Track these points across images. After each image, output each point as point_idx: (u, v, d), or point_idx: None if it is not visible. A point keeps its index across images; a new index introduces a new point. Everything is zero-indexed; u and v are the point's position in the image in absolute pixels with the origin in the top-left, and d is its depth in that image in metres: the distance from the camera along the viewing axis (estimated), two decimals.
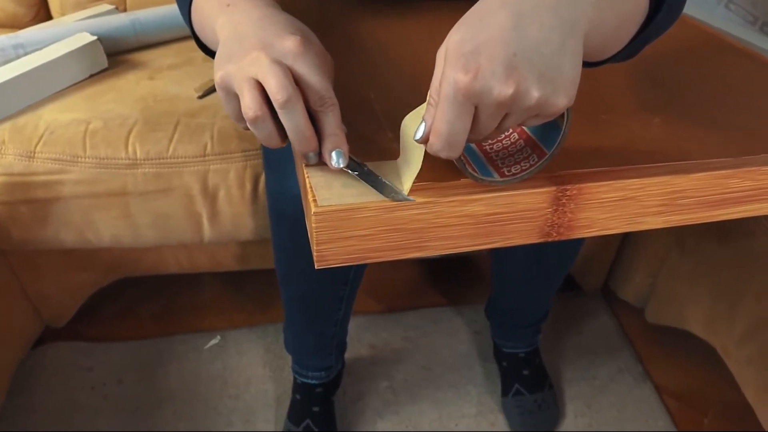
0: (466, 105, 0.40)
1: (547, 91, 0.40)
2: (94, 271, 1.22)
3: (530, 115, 0.42)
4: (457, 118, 0.40)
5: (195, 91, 1.07)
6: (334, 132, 0.46)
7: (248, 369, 1.25)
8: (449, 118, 0.40)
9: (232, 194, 1.01)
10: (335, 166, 0.46)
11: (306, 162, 0.48)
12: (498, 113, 0.41)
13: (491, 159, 0.49)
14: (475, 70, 0.38)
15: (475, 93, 0.39)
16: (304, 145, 0.46)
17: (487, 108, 0.40)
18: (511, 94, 0.39)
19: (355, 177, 0.46)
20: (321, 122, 0.46)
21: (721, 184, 0.52)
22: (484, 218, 0.47)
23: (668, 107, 0.61)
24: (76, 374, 1.23)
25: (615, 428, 1.18)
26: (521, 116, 0.42)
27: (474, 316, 1.37)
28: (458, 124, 0.40)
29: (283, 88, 0.43)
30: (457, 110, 0.40)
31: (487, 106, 0.40)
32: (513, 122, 0.42)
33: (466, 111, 0.40)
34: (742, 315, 1.03)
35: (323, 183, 0.46)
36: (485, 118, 0.41)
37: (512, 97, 0.39)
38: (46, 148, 0.96)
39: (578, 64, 0.42)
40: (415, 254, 0.47)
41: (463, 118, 0.40)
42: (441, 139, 0.41)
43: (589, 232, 0.51)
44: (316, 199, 0.44)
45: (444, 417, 1.18)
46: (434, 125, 0.41)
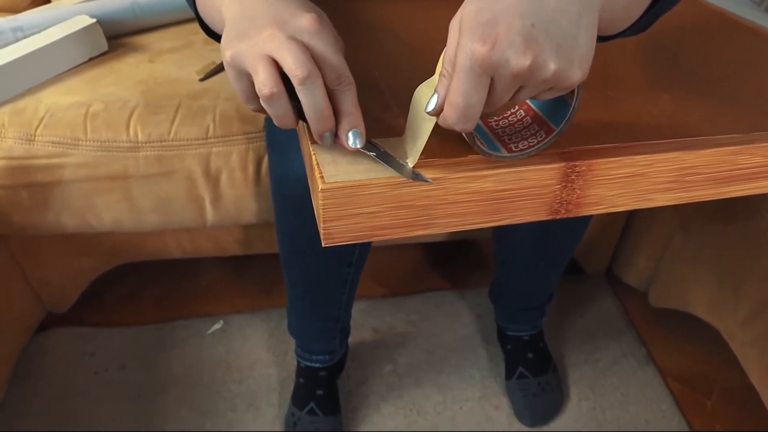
0: (482, 76, 0.39)
1: (564, 64, 0.39)
2: (96, 256, 1.21)
3: (545, 87, 0.41)
4: (473, 90, 0.39)
5: (196, 73, 1.06)
6: (351, 111, 0.45)
7: (252, 353, 1.25)
8: (465, 89, 0.39)
9: (235, 177, 1.00)
10: (352, 147, 0.45)
11: (321, 143, 0.46)
12: (513, 85, 0.40)
13: (498, 135, 0.48)
14: (493, 41, 0.38)
15: (493, 64, 0.38)
16: (322, 124, 0.45)
17: (503, 79, 0.39)
18: (528, 65, 0.38)
19: (373, 158, 0.45)
20: (338, 101, 0.45)
21: (731, 160, 0.51)
22: (493, 195, 0.46)
23: (677, 84, 0.61)
24: (78, 360, 1.23)
25: (618, 411, 1.18)
26: (536, 89, 0.41)
27: (477, 300, 1.37)
28: (474, 95, 0.40)
29: (302, 64, 0.42)
30: (473, 81, 0.39)
31: (503, 77, 0.39)
32: (527, 95, 0.41)
33: (483, 82, 0.39)
34: (747, 297, 1.02)
35: (330, 160, 0.45)
36: (500, 89, 0.40)
37: (529, 68, 0.38)
38: (47, 132, 0.95)
39: (593, 38, 0.41)
40: (423, 232, 0.47)
41: (480, 89, 0.39)
42: (457, 112, 0.40)
43: (598, 209, 0.50)
44: (323, 175, 0.43)
45: (448, 400, 1.18)
46: (450, 97, 0.40)
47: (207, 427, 1.12)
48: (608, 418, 1.17)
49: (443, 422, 1.15)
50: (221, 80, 1.05)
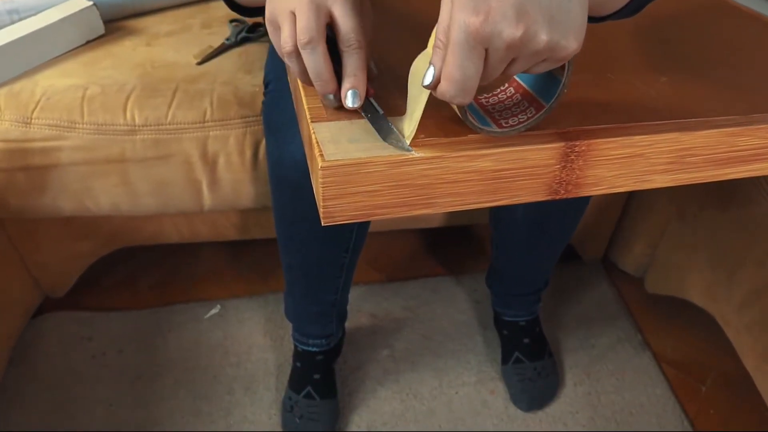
0: (477, 48, 0.39)
1: (557, 35, 0.40)
2: (94, 240, 1.21)
3: (538, 59, 0.41)
4: (470, 62, 0.40)
5: (194, 57, 1.06)
6: (354, 73, 0.48)
7: (249, 338, 1.25)
8: (461, 62, 0.40)
9: (232, 161, 1.00)
10: (350, 106, 0.48)
11: (325, 104, 0.50)
12: (507, 56, 0.40)
13: (488, 112, 0.48)
14: (486, 12, 0.38)
15: (486, 35, 0.38)
16: (322, 86, 0.48)
17: (497, 51, 0.40)
18: (520, 36, 0.39)
19: (366, 119, 0.47)
20: (345, 63, 0.48)
21: (729, 142, 0.52)
22: (492, 174, 0.46)
23: (675, 67, 0.61)
24: (76, 344, 1.23)
25: (614, 396, 1.19)
26: (529, 60, 0.41)
27: (474, 285, 1.38)
28: (471, 68, 0.40)
29: (307, 30, 0.46)
30: (469, 53, 0.39)
31: (496, 49, 0.39)
32: (520, 67, 0.42)
33: (478, 54, 0.40)
34: (743, 282, 1.03)
35: (329, 138, 0.45)
36: (494, 61, 0.40)
37: (521, 39, 0.39)
38: (43, 114, 0.95)
39: (585, 11, 0.41)
40: (422, 211, 0.47)
41: (476, 61, 0.40)
42: (455, 84, 0.41)
43: (597, 190, 0.51)
44: (323, 153, 0.43)
45: (444, 385, 1.19)
46: (446, 70, 0.41)
47: (204, 411, 1.13)
48: (603, 403, 1.18)
49: (439, 406, 1.16)
50: (219, 64, 1.05)
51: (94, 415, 1.12)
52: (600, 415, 1.16)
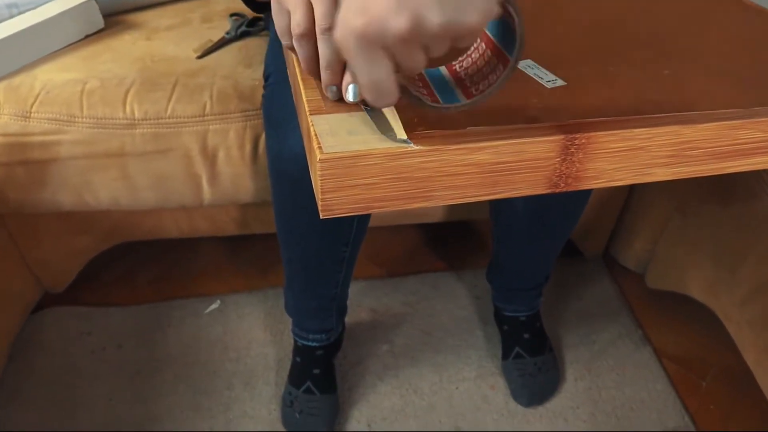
0: (373, 50, 0.36)
1: (451, 13, 0.35)
2: (93, 235, 1.21)
3: (445, 43, 0.38)
4: (374, 66, 0.37)
5: (194, 51, 1.05)
6: None
7: (249, 333, 1.25)
8: (366, 69, 0.37)
9: (232, 155, 1.00)
10: (350, 100, 0.46)
11: (327, 95, 0.48)
12: (408, 50, 0.37)
13: (460, 80, 0.47)
14: (368, 11, 0.35)
15: (374, 36, 0.35)
16: (329, 77, 0.47)
17: (394, 48, 0.36)
18: (408, 27, 0.35)
19: (366, 112, 0.45)
20: None
21: (731, 135, 0.51)
22: (491, 167, 0.46)
23: (677, 60, 0.60)
24: (75, 339, 1.23)
25: (614, 391, 1.19)
26: (439, 46, 0.38)
27: (474, 281, 1.37)
28: (378, 71, 0.37)
29: (328, 16, 0.43)
30: (368, 58, 0.37)
31: (392, 46, 0.36)
32: (437, 52, 0.38)
33: (380, 56, 0.37)
34: (744, 278, 1.03)
35: (328, 131, 0.45)
36: (401, 58, 0.37)
37: (411, 29, 0.35)
38: (42, 108, 0.95)
39: None
40: (421, 204, 0.47)
41: (381, 63, 0.37)
42: (371, 92, 0.39)
43: (597, 183, 0.50)
44: (322, 146, 0.43)
45: (444, 380, 1.19)
46: (358, 80, 0.38)
47: (204, 406, 1.13)
48: (604, 398, 1.18)
49: (439, 402, 1.15)
50: (218, 58, 1.05)
51: (94, 410, 1.12)
52: (600, 411, 1.16)
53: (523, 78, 0.54)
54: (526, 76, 0.54)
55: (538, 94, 0.52)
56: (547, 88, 0.52)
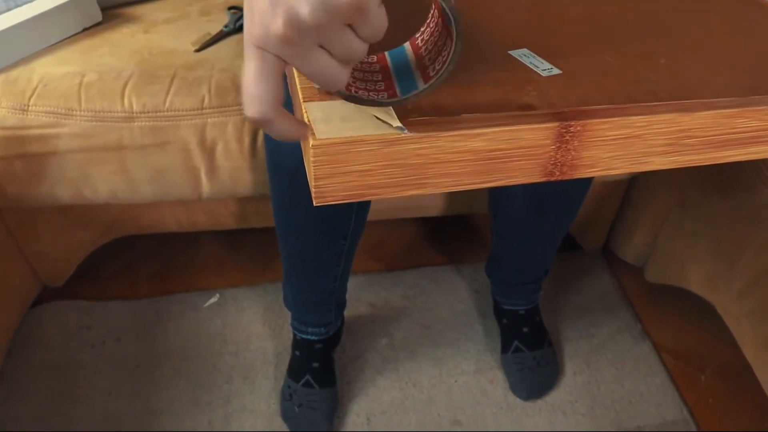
0: (293, 48, 0.35)
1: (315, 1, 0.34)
2: (92, 229, 1.21)
3: (333, 33, 0.36)
4: (304, 60, 0.36)
5: (192, 44, 1.05)
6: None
7: (248, 327, 1.25)
8: (299, 65, 0.37)
9: (230, 148, 1.00)
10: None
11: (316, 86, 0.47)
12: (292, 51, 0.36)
13: (421, 58, 0.45)
14: (253, 17, 0.35)
15: (263, 41, 0.35)
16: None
17: (279, 50, 0.36)
18: (284, 26, 0.34)
19: (355, 100, 0.44)
20: None
21: (728, 123, 0.51)
22: (486, 154, 0.46)
23: (674, 49, 0.60)
24: (74, 333, 1.23)
25: (613, 385, 1.19)
26: (329, 40, 0.36)
27: (473, 275, 1.37)
28: (308, 64, 0.37)
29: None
30: (294, 55, 0.36)
31: (277, 48, 0.35)
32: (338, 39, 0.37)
33: (303, 50, 0.36)
34: (743, 270, 1.03)
35: (322, 117, 0.45)
36: (294, 62, 0.37)
37: (288, 29, 0.34)
38: (40, 101, 0.94)
39: None
40: (416, 191, 0.46)
41: (309, 55, 0.36)
42: (317, 81, 0.38)
43: (593, 172, 0.50)
44: (315, 132, 0.43)
45: (443, 374, 1.19)
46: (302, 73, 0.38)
47: (203, 400, 1.13)
48: (603, 392, 1.17)
49: (438, 395, 1.15)
50: (217, 51, 1.05)
51: (94, 404, 1.12)
52: (599, 404, 1.16)
53: (518, 66, 0.54)
54: (521, 64, 0.54)
55: (533, 82, 0.51)
56: (543, 76, 0.52)
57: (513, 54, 0.56)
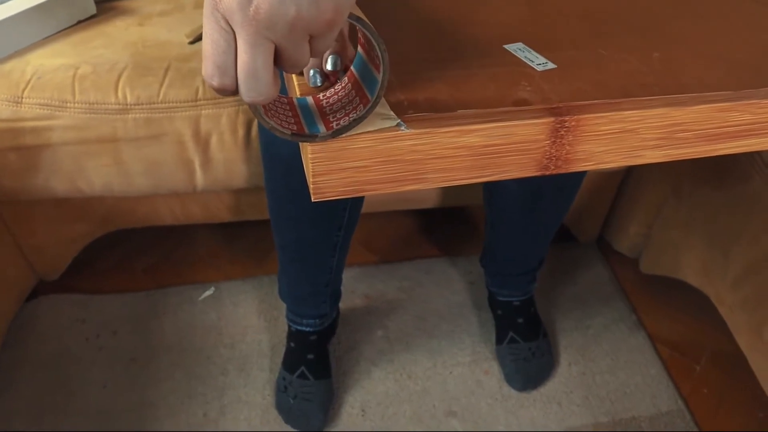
0: (290, 37, 0.35)
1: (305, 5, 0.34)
2: (87, 222, 1.21)
3: (299, 36, 0.35)
4: (296, 49, 0.36)
5: (186, 36, 1.05)
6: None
7: (243, 319, 1.25)
8: (291, 51, 0.36)
9: (225, 140, 1.00)
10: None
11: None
12: (301, 36, 0.35)
13: (324, 113, 0.45)
14: (259, 7, 0.33)
15: (271, 29, 0.34)
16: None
17: (287, 37, 0.35)
18: (253, 13, 0.33)
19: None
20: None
21: (721, 117, 0.51)
22: (481, 150, 0.46)
23: (667, 43, 0.60)
24: (70, 326, 1.23)
25: (608, 376, 1.19)
26: (290, 40, 0.35)
27: (468, 267, 1.38)
28: (301, 54, 0.37)
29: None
30: (295, 42, 0.36)
31: (288, 34, 0.35)
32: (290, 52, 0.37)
33: (260, 41, 0.35)
34: (737, 259, 1.03)
35: None
36: (294, 48, 0.36)
37: (253, 16, 0.33)
38: (34, 93, 0.94)
39: None
40: (412, 187, 0.47)
41: (302, 44, 0.36)
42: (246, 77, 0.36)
43: (587, 166, 0.50)
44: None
45: (438, 365, 1.19)
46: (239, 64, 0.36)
47: (199, 392, 1.13)
48: (598, 383, 1.18)
49: (433, 386, 1.16)
50: None
51: (89, 396, 1.12)
52: (594, 395, 1.16)
53: (513, 61, 0.54)
54: (516, 58, 0.54)
55: (528, 76, 0.52)
56: (538, 71, 0.52)
57: (508, 48, 0.56)
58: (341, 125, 0.42)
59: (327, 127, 0.43)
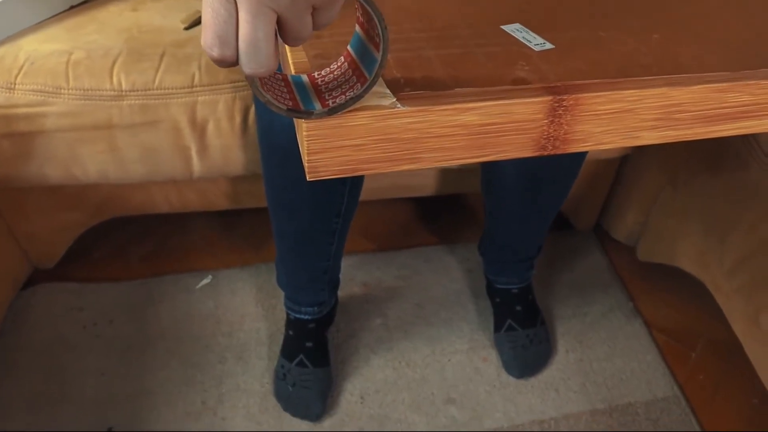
0: (294, 7, 0.35)
1: None
2: (83, 210, 1.20)
3: (302, 7, 0.35)
4: (300, 20, 0.36)
5: (181, 22, 1.04)
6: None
7: (241, 307, 1.25)
8: (295, 21, 0.36)
9: (222, 127, 0.99)
10: None
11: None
12: (305, 6, 0.35)
13: (320, 91, 0.45)
14: None
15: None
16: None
17: (290, 8, 0.35)
18: None
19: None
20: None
21: (719, 98, 0.51)
22: (478, 129, 0.46)
23: (667, 24, 0.60)
24: (66, 314, 1.23)
25: (605, 363, 1.19)
26: (291, 10, 0.35)
27: (466, 255, 1.37)
28: (304, 25, 0.36)
29: None
30: (298, 13, 0.35)
31: (292, 5, 0.34)
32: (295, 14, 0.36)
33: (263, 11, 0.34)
34: (733, 246, 1.03)
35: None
36: (296, 17, 0.36)
37: None
38: (27, 79, 0.93)
39: None
40: (409, 166, 0.46)
41: (305, 15, 0.36)
42: (248, 48, 0.36)
43: (585, 146, 0.50)
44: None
45: (437, 353, 1.19)
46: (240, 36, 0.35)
47: (197, 380, 1.13)
48: (595, 369, 1.18)
49: (432, 374, 1.16)
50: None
51: (86, 385, 1.12)
52: (591, 382, 1.17)
53: (510, 41, 0.53)
54: (514, 39, 0.54)
55: (525, 56, 0.51)
56: (536, 51, 0.52)
57: (505, 29, 0.56)
58: (337, 103, 0.42)
59: (323, 104, 0.42)
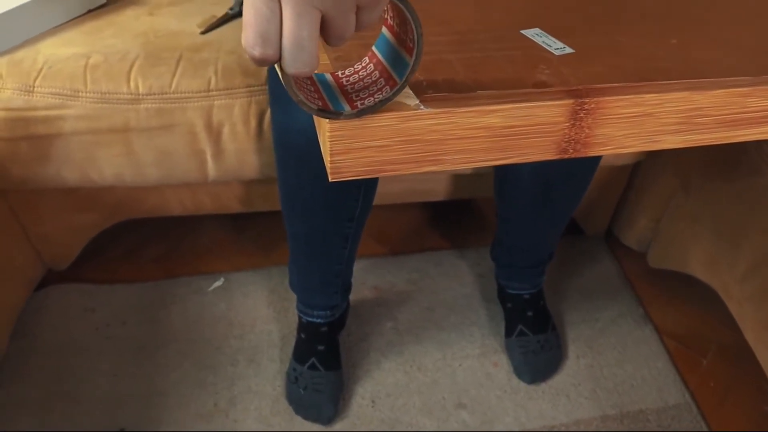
0: (339, 5, 0.35)
1: None
2: (97, 212, 1.21)
3: (346, 7, 0.35)
4: (345, 18, 0.36)
5: (197, 26, 1.05)
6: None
7: (253, 310, 1.26)
8: (340, 20, 0.36)
9: (237, 130, 1.00)
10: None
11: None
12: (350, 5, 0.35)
13: (346, 92, 0.46)
14: None
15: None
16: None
17: (335, 6, 0.35)
18: None
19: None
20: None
21: (740, 102, 0.51)
22: (501, 131, 0.46)
23: (685, 29, 0.60)
24: (79, 316, 1.23)
25: (615, 369, 1.19)
26: (335, 7, 0.35)
27: (477, 259, 1.38)
28: (348, 23, 0.36)
29: None
30: (343, 11, 0.36)
31: (338, 4, 0.35)
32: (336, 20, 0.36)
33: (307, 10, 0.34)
34: (746, 252, 1.03)
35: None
36: (341, 16, 0.36)
37: None
38: (46, 83, 0.94)
39: None
40: (432, 168, 0.47)
41: (350, 14, 0.36)
42: (292, 46, 0.36)
43: (606, 150, 0.50)
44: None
45: (448, 357, 1.19)
46: (284, 34, 0.36)
47: (209, 382, 1.13)
48: (605, 375, 1.18)
49: (443, 378, 1.16)
50: (222, 33, 1.04)
51: (98, 386, 1.12)
52: (602, 387, 1.16)
53: (531, 45, 0.54)
54: (533, 43, 0.54)
55: (546, 60, 0.52)
56: (556, 55, 0.52)
57: (525, 33, 0.56)
58: (366, 105, 0.42)
59: (351, 106, 0.43)
